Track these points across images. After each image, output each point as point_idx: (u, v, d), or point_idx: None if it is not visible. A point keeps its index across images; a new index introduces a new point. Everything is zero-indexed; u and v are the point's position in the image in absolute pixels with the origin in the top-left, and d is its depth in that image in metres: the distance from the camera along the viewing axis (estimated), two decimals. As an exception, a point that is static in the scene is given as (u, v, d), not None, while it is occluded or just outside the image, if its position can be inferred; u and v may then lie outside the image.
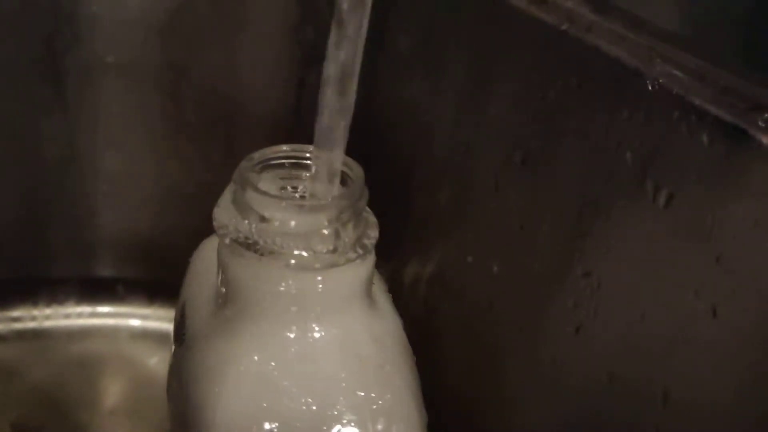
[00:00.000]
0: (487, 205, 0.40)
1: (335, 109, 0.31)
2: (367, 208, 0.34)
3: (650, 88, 0.31)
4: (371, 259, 0.34)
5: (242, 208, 0.32)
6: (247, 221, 0.32)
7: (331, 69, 0.31)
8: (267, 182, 0.34)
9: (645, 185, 0.31)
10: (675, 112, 0.30)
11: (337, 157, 0.32)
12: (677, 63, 0.31)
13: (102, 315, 0.57)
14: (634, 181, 0.32)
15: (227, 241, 0.33)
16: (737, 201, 0.29)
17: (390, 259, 0.41)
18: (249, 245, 0.32)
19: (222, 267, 0.34)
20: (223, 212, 0.33)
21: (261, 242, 0.32)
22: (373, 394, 0.33)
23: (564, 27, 0.35)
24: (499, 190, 0.39)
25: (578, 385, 0.35)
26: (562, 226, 0.36)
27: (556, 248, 0.36)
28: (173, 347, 0.38)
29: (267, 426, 0.32)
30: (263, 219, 0.32)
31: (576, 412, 0.35)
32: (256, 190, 0.32)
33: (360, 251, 0.33)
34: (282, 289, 0.32)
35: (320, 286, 0.32)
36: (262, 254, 0.32)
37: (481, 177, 0.40)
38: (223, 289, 0.34)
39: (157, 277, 0.57)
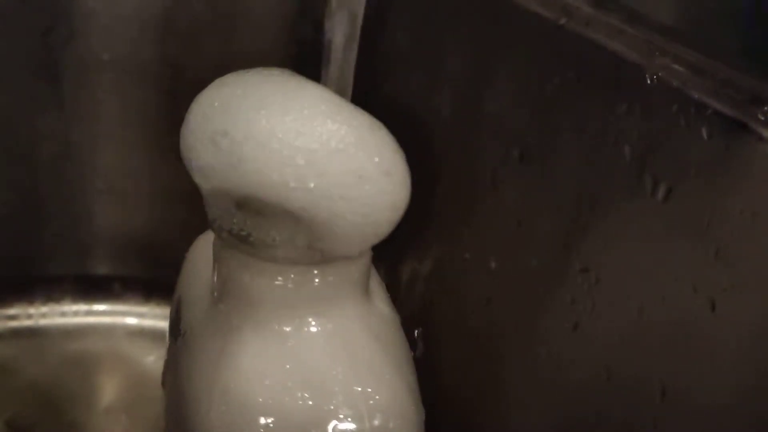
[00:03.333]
0: (485, 201, 0.40)
1: None
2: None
3: (649, 81, 0.31)
4: (368, 254, 0.34)
5: (238, 201, 0.32)
6: (242, 214, 0.32)
7: None
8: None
9: (643, 179, 0.31)
10: (674, 105, 0.30)
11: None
12: (676, 56, 0.31)
13: (98, 313, 0.57)
14: (633, 175, 0.32)
15: (223, 234, 0.33)
16: (736, 194, 0.28)
17: (387, 256, 0.41)
18: (244, 238, 0.32)
19: (217, 261, 0.34)
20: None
21: (256, 235, 0.32)
22: (369, 390, 0.33)
23: (562, 21, 0.35)
24: (497, 186, 0.39)
25: (576, 381, 0.35)
26: (559, 222, 0.35)
27: (553, 244, 0.36)
28: (169, 342, 0.38)
29: (262, 421, 0.32)
30: (258, 212, 0.32)
31: (574, 408, 0.35)
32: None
33: (357, 245, 0.33)
34: (278, 283, 0.32)
35: (317, 280, 0.32)
36: (257, 247, 0.32)
37: (479, 173, 0.40)
38: (219, 284, 0.34)
39: (154, 275, 0.57)
